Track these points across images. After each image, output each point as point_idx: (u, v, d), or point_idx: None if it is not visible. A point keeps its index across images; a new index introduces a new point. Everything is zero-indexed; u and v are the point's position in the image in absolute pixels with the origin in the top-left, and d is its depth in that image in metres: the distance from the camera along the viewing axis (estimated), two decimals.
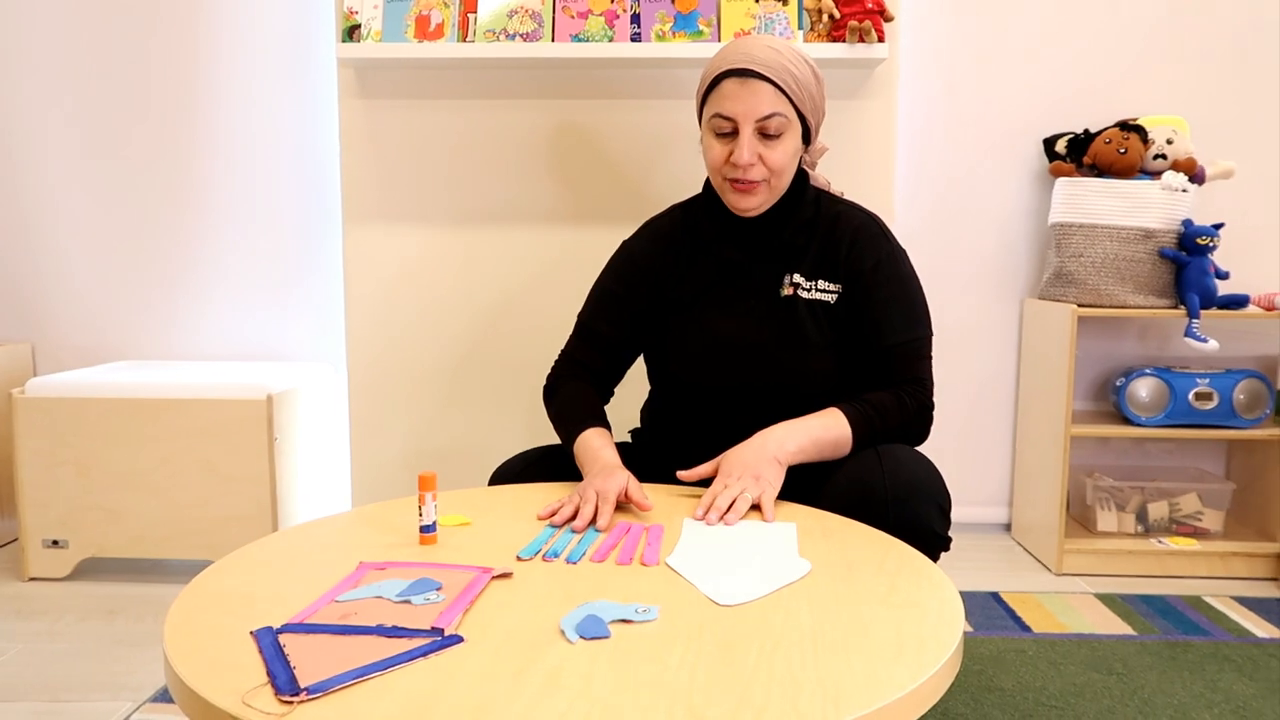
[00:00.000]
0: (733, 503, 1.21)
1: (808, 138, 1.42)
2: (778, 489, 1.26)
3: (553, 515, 1.21)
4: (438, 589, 0.96)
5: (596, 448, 1.35)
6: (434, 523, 1.13)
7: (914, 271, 1.44)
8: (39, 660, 1.82)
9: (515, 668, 0.80)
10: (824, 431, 1.33)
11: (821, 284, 1.42)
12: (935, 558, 1.25)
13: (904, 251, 1.45)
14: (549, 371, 1.56)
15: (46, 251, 2.56)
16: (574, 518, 1.19)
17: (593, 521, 1.18)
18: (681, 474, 1.34)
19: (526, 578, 1.01)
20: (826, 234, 1.43)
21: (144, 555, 2.21)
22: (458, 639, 0.85)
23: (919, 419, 1.40)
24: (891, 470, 1.27)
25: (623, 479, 1.25)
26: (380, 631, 0.86)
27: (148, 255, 2.55)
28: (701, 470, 1.33)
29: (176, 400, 2.16)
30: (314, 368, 2.47)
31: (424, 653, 0.82)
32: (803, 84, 1.36)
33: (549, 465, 1.45)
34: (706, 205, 1.48)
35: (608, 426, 1.43)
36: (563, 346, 1.56)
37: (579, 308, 1.56)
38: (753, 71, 1.33)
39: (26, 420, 2.17)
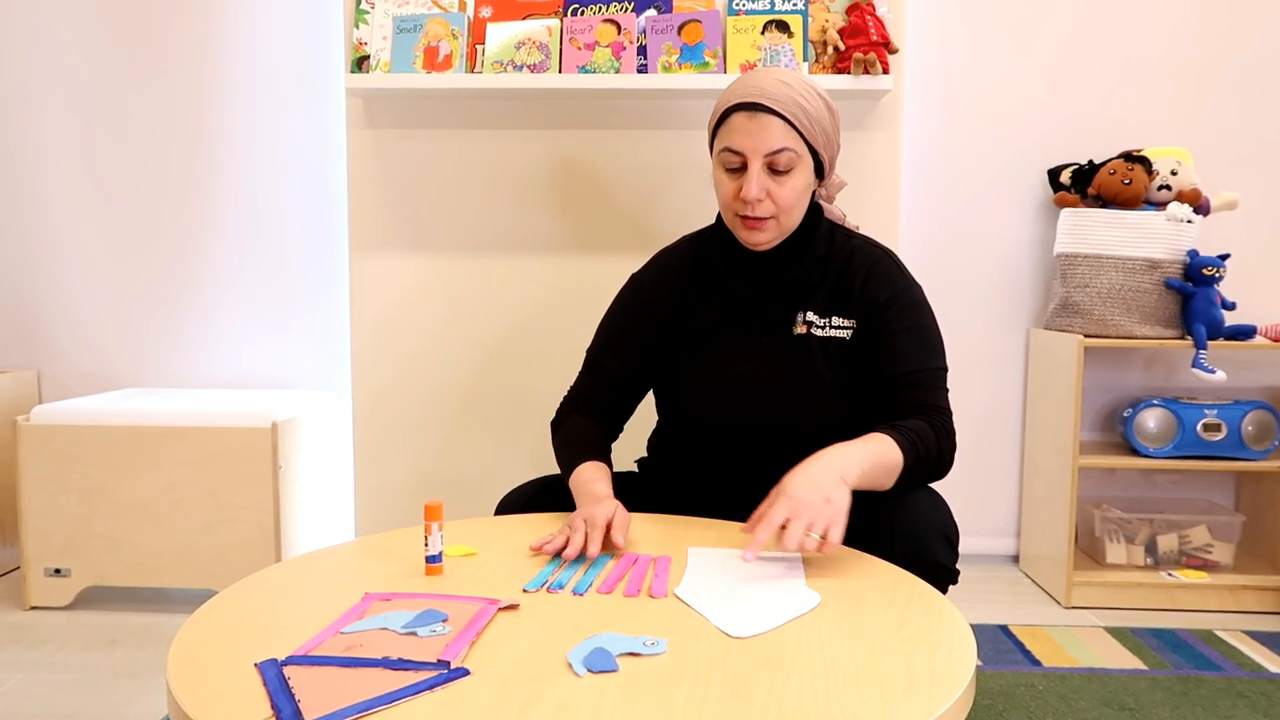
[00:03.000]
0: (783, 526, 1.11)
1: (821, 172, 1.39)
2: (846, 515, 1.14)
3: (544, 546, 1.19)
4: (444, 621, 0.96)
5: (588, 480, 1.33)
6: (440, 553, 1.13)
7: (930, 308, 1.42)
8: (39, 690, 1.80)
9: (522, 701, 0.79)
10: (880, 455, 1.24)
11: (836, 320, 1.40)
12: (943, 591, 1.24)
13: (920, 287, 1.42)
14: (557, 407, 1.54)
15: (53, 278, 2.57)
16: (565, 546, 1.18)
17: (584, 550, 1.17)
18: (746, 527, 1.18)
19: (533, 610, 1.00)
20: (840, 270, 1.41)
21: (146, 584, 2.19)
22: (464, 672, 0.84)
23: (949, 448, 1.34)
24: (897, 502, 1.26)
25: (610, 507, 1.23)
26: (386, 664, 0.85)
27: (154, 283, 2.56)
28: (764, 510, 1.17)
29: (181, 428, 2.15)
30: (319, 395, 2.46)
31: (430, 686, 0.81)
32: (814, 117, 1.33)
33: (556, 494, 1.44)
34: (718, 238, 1.46)
35: (607, 461, 1.42)
36: (572, 381, 1.54)
37: (585, 337, 1.55)
38: (762, 105, 1.31)
39: (31, 447, 2.17)
